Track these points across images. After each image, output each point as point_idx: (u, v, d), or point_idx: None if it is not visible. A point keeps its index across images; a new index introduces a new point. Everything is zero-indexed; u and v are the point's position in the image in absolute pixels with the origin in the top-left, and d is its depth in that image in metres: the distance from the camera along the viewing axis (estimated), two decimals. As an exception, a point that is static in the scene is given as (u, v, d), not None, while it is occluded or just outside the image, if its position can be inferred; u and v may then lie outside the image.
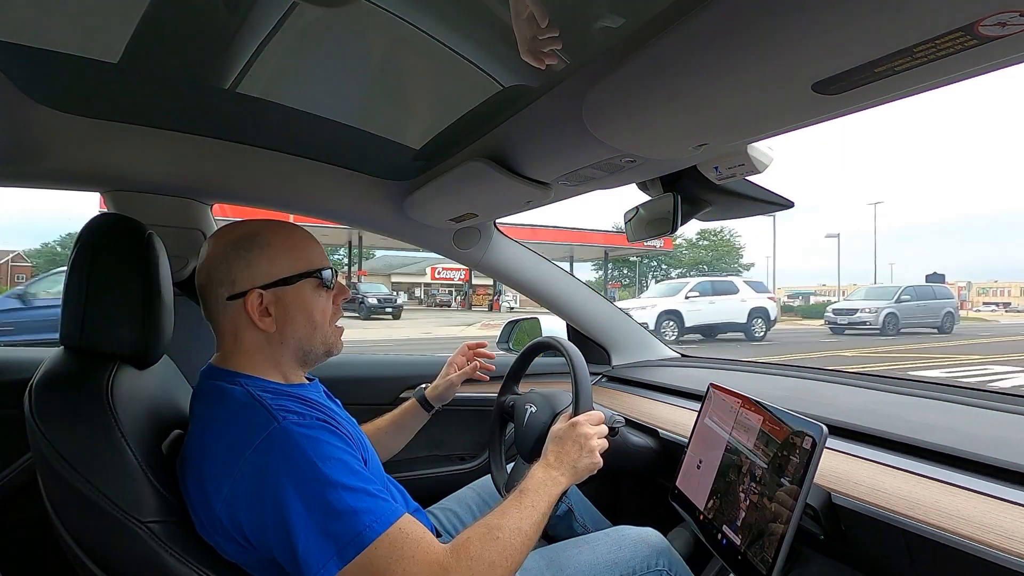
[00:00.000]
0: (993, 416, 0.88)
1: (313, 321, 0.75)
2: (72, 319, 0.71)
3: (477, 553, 0.63)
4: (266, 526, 0.60)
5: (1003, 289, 55.25)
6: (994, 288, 55.85)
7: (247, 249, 0.73)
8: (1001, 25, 0.39)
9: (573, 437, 0.83)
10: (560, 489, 0.77)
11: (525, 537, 0.68)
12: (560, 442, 0.83)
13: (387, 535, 0.60)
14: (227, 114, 1.00)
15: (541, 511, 0.72)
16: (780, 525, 0.68)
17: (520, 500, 0.73)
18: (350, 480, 0.62)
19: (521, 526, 0.69)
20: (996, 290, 55.35)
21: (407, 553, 0.60)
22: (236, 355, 0.74)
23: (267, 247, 0.73)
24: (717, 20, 0.49)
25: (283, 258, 0.74)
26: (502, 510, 0.71)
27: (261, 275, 0.72)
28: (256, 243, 0.73)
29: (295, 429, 0.63)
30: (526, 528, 0.69)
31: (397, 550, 0.59)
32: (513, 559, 0.66)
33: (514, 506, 0.71)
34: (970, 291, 46.16)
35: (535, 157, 0.94)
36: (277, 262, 0.73)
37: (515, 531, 0.68)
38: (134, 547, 0.63)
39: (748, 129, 0.69)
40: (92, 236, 0.74)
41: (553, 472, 0.78)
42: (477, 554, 0.63)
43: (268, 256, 0.73)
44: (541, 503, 0.73)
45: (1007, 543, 0.55)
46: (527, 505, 0.72)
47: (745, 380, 1.35)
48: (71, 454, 0.63)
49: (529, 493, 0.74)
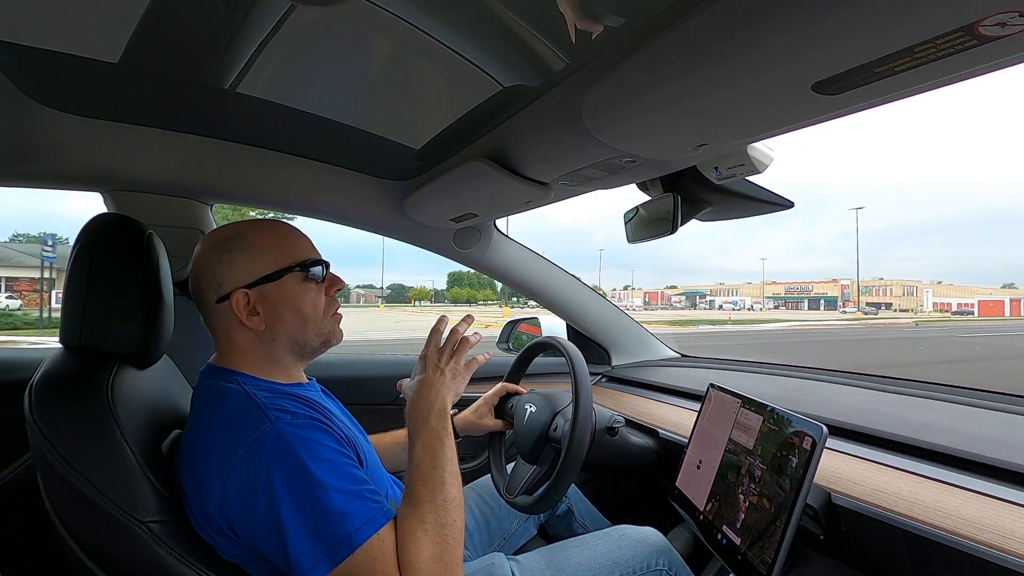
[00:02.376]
0: (993, 416, 0.88)
1: (303, 315, 0.74)
2: (72, 319, 0.71)
3: (421, 558, 0.61)
4: (258, 526, 0.60)
5: (886, 288, 54.61)
6: (878, 287, 55.25)
7: (228, 250, 0.72)
8: (1001, 25, 0.39)
9: (424, 367, 0.79)
10: (443, 420, 0.73)
11: (448, 504, 0.66)
12: (415, 402, 0.75)
13: (375, 539, 0.60)
14: (227, 114, 1.00)
15: (445, 464, 0.69)
16: (780, 525, 0.68)
17: (419, 466, 0.69)
18: (341, 482, 0.61)
19: (437, 497, 0.66)
20: (879, 288, 54.75)
21: (379, 566, 0.59)
22: (232, 355, 0.74)
23: (248, 246, 0.73)
24: (717, 20, 0.49)
25: (265, 255, 0.73)
26: (410, 491, 0.67)
27: (244, 274, 0.72)
28: (237, 243, 0.73)
29: (287, 429, 0.63)
30: (445, 495, 0.66)
31: (380, 556, 0.59)
32: (453, 534, 0.64)
33: (421, 479, 0.67)
34: (852, 289, 46.49)
35: (535, 157, 0.94)
36: (259, 260, 0.72)
37: (436, 507, 0.65)
38: (134, 547, 0.63)
39: (748, 129, 0.69)
40: (92, 236, 0.74)
41: (428, 410, 0.73)
42: (422, 559, 0.61)
43: (249, 255, 0.72)
44: (440, 456, 0.70)
45: (1007, 543, 0.55)
46: (428, 467, 0.68)
47: (745, 380, 1.35)
48: (71, 454, 0.63)
49: (423, 452, 0.70)
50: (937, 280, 69.11)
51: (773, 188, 1.01)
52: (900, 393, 1.07)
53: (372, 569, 0.59)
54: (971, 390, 0.99)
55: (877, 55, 0.45)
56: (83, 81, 0.86)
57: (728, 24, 0.49)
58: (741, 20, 0.48)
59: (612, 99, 0.67)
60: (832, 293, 44.62)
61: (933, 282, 61.47)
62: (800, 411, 0.75)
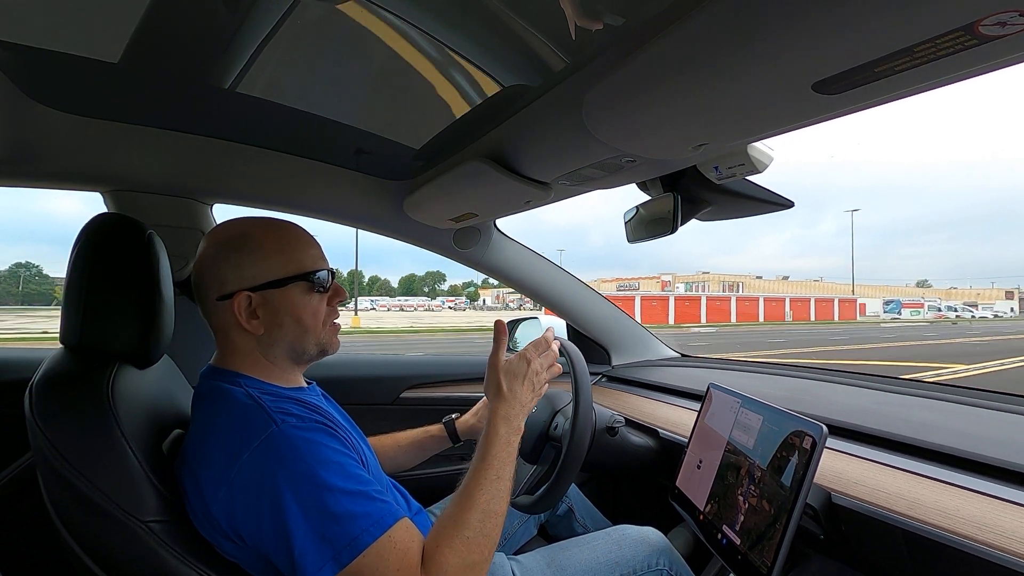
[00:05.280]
0: (993, 416, 0.88)
1: (303, 325, 0.73)
2: (72, 318, 0.71)
3: (452, 563, 0.62)
4: (263, 528, 0.60)
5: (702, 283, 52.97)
6: (698, 282, 53.68)
7: (236, 250, 0.71)
8: (1001, 25, 0.39)
9: (527, 375, 0.80)
10: (518, 437, 0.75)
11: (497, 517, 0.66)
12: (514, 378, 0.79)
13: (384, 539, 0.59)
14: (227, 114, 1.00)
15: (508, 477, 0.70)
16: (780, 525, 0.68)
17: (485, 473, 0.69)
18: (348, 483, 0.61)
19: (490, 508, 0.67)
20: (698, 284, 53.30)
21: (393, 565, 0.59)
22: (232, 355, 0.73)
23: (257, 248, 0.71)
24: (717, 20, 0.49)
25: (272, 259, 0.71)
26: (468, 494, 0.67)
27: (249, 277, 0.70)
28: (246, 244, 0.71)
29: (293, 432, 0.63)
30: (495, 508, 0.67)
31: (392, 555, 0.59)
32: (489, 546, 0.65)
33: (480, 485, 0.68)
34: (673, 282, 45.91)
35: (535, 157, 0.94)
36: (266, 264, 0.71)
37: (485, 516, 0.66)
38: (134, 546, 0.63)
39: (748, 129, 0.69)
40: (92, 236, 0.74)
41: (514, 421, 0.76)
42: (452, 564, 0.61)
43: (257, 257, 0.71)
44: (506, 469, 0.70)
45: (1007, 543, 0.55)
46: (493, 477, 0.69)
47: (745, 380, 1.35)
48: (71, 453, 0.63)
49: (493, 460, 0.70)
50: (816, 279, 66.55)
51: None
52: (900, 393, 1.07)
53: (380, 570, 0.58)
54: (971, 390, 0.99)
55: (877, 55, 0.45)
56: (83, 81, 0.86)
57: (728, 24, 0.49)
58: (741, 20, 0.48)
59: (612, 99, 0.67)
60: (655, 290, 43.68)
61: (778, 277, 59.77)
62: (800, 411, 0.75)
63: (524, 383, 0.79)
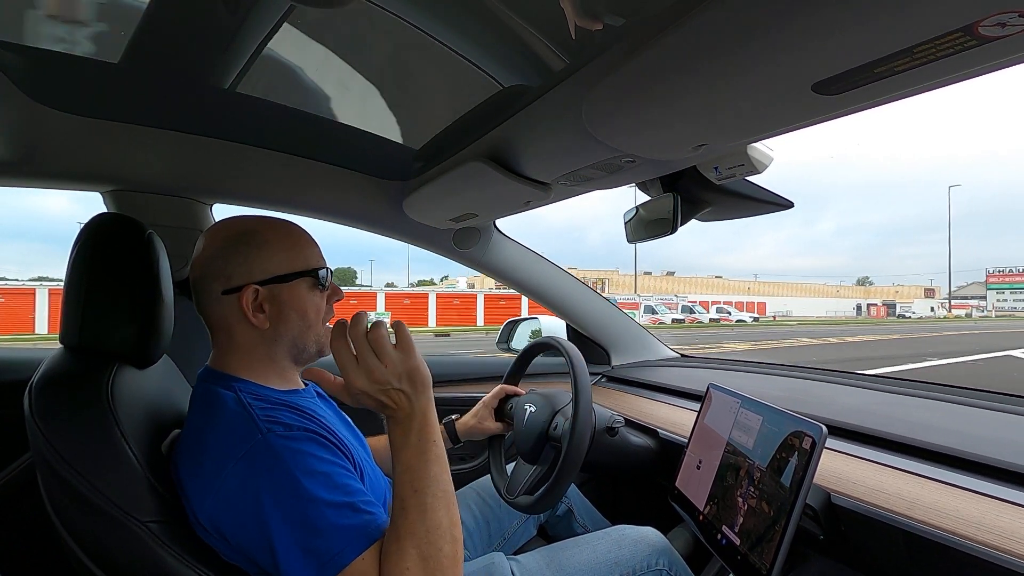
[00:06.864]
0: (993, 416, 0.88)
1: (307, 319, 0.75)
2: (72, 318, 0.71)
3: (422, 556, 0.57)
4: (250, 538, 0.59)
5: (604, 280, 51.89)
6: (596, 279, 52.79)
7: (245, 244, 0.72)
8: (1001, 25, 0.39)
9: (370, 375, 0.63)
10: (432, 428, 0.64)
11: (442, 529, 0.60)
12: (391, 430, 0.65)
13: (369, 553, 0.57)
14: (227, 114, 1.00)
15: (438, 487, 0.62)
16: (779, 526, 0.68)
17: (430, 488, 0.61)
18: (333, 495, 0.59)
19: (432, 522, 0.59)
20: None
21: None
22: (231, 354, 0.73)
23: (264, 243, 0.73)
24: (717, 21, 0.49)
25: (280, 255, 0.73)
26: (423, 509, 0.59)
27: (258, 271, 0.72)
28: (254, 239, 0.73)
29: (279, 442, 0.61)
30: (440, 518, 0.60)
31: (377, 568, 0.57)
32: (447, 560, 0.59)
33: (407, 519, 0.59)
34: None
35: (535, 157, 0.94)
36: (275, 259, 0.73)
37: (430, 535, 0.59)
38: (134, 547, 0.63)
39: (748, 129, 0.69)
40: (92, 236, 0.74)
41: (411, 442, 0.63)
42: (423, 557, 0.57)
43: (265, 253, 0.72)
44: (431, 482, 0.61)
45: (1007, 543, 0.55)
46: (440, 493, 0.61)
47: (745, 380, 1.35)
48: (71, 454, 0.63)
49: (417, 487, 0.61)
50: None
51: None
52: (900, 393, 1.07)
53: None
54: (971, 390, 0.99)
55: (877, 56, 0.45)
56: (84, 81, 0.86)
57: (728, 24, 0.49)
58: (741, 20, 0.48)
59: (612, 99, 0.67)
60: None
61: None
62: (800, 411, 0.75)
63: (371, 383, 0.63)
